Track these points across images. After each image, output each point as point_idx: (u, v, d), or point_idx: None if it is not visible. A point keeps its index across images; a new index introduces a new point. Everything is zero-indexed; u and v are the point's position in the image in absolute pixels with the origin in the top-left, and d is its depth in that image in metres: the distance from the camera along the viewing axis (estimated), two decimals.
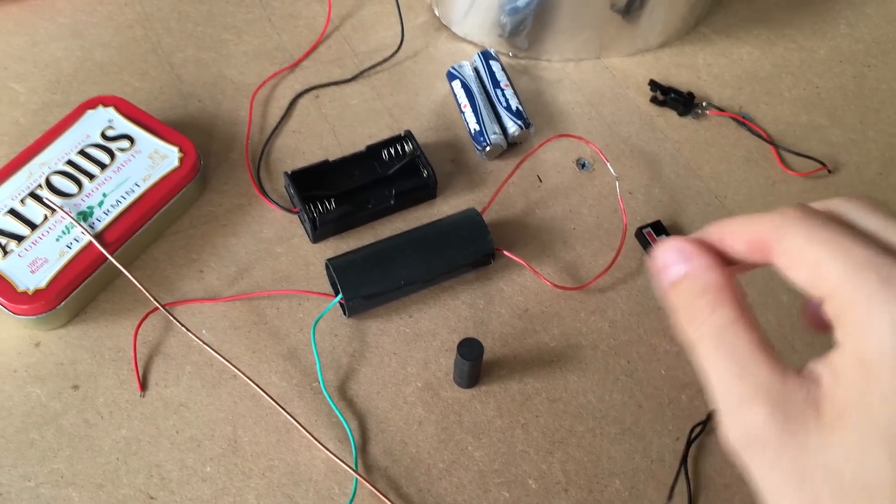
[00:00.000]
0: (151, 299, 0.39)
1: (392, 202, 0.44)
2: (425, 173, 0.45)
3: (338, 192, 0.43)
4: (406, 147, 0.45)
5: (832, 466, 0.23)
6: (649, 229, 0.44)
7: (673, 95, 0.50)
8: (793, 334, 0.42)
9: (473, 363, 0.37)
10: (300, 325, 0.41)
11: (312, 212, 0.42)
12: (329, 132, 0.48)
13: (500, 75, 0.49)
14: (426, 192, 0.45)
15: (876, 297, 0.23)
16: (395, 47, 0.52)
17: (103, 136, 0.43)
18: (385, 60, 0.51)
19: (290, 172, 0.43)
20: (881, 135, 0.50)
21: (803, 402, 0.24)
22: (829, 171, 0.48)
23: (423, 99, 0.50)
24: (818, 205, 0.27)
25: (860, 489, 0.23)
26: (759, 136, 0.50)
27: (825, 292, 0.25)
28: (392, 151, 0.45)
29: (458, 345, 0.37)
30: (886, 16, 0.57)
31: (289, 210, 0.44)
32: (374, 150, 0.45)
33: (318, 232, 0.43)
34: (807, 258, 0.25)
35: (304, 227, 0.44)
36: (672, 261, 0.28)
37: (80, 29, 0.51)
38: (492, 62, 0.50)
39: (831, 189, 0.48)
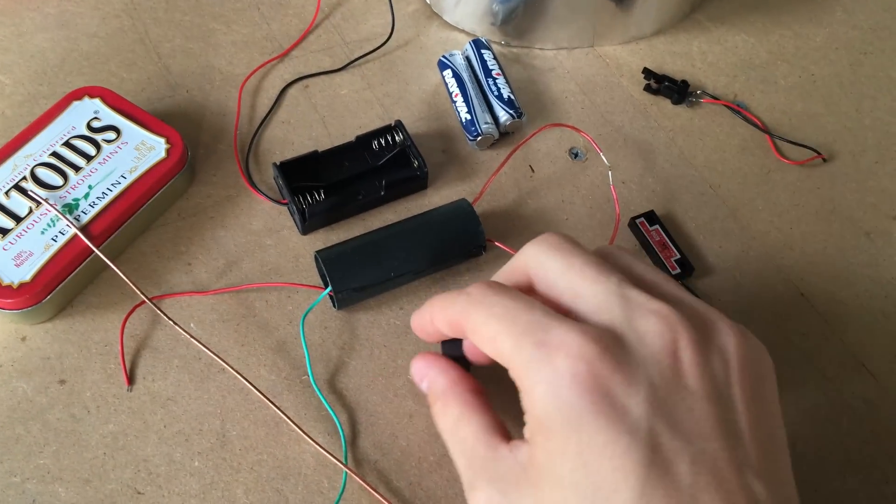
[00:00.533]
0: (138, 293, 0.39)
1: (382, 193, 0.43)
2: (416, 164, 0.44)
3: (327, 183, 0.43)
4: (396, 137, 0.45)
5: None
6: (642, 219, 0.44)
7: (667, 84, 0.50)
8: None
9: (457, 358, 0.36)
10: (289, 317, 0.40)
11: (302, 203, 0.42)
12: (319, 122, 0.47)
13: (491, 64, 0.48)
14: (417, 182, 0.44)
15: (532, 362, 0.25)
16: (386, 36, 0.51)
17: (89, 127, 0.42)
18: (376, 49, 0.50)
19: (278, 163, 0.43)
20: (877, 122, 0.50)
21: (513, 469, 0.26)
22: (825, 160, 0.48)
23: (414, 88, 0.49)
24: (508, 269, 0.31)
25: None
26: (754, 124, 0.49)
27: (505, 364, 0.27)
28: (382, 142, 0.45)
29: (442, 343, 0.36)
30: (883, 3, 0.56)
31: (278, 202, 0.44)
32: (363, 140, 0.45)
33: (308, 223, 0.42)
34: (486, 335, 0.27)
35: (294, 219, 0.43)
36: (418, 376, 0.32)
37: (66, 19, 0.50)
38: (483, 51, 0.49)
39: (827, 177, 0.47)
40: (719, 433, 0.24)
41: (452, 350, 0.36)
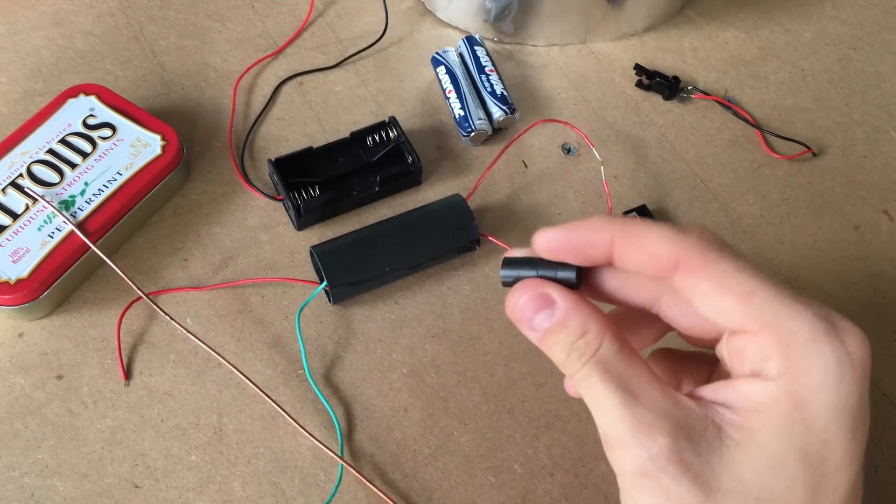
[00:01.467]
0: (135, 288, 0.39)
1: (377, 189, 0.44)
2: (410, 159, 0.45)
3: (322, 179, 0.43)
4: (390, 133, 0.45)
5: (741, 481, 0.24)
6: (634, 213, 0.44)
7: (658, 80, 0.50)
8: None
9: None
10: (285, 312, 0.40)
11: (297, 199, 0.42)
12: (313, 119, 0.48)
13: (484, 60, 0.49)
14: (411, 178, 0.45)
15: (816, 333, 0.24)
16: (380, 33, 0.51)
17: (85, 124, 0.43)
18: (369, 46, 0.51)
19: (273, 160, 0.43)
20: (867, 117, 0.50)
21: (702, 422, 0.24)
22: (815, 154, 0.48)
23: (408, 85, 0.50)
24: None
25: (768, 502, 0.23)
26: (745, 119, 0.49)
27: (752, 325, 0.24)
28: (376, 138, 0.45)
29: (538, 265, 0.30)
30: None
31: (273, 197, 0.44)
32: (358, 136, 0.45)
33: (303, 219, 0.43)
34: (736, 288, 0.25)
35: (289, 215, 0.43)
36: (533, 309, 0.27)
37: (61, 17, 0.51)
38: (476, 48, 0.49)
39: (817, 172, 0.48)
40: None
41: (565, 273, 0.28)
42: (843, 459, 0.24)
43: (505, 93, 0.47)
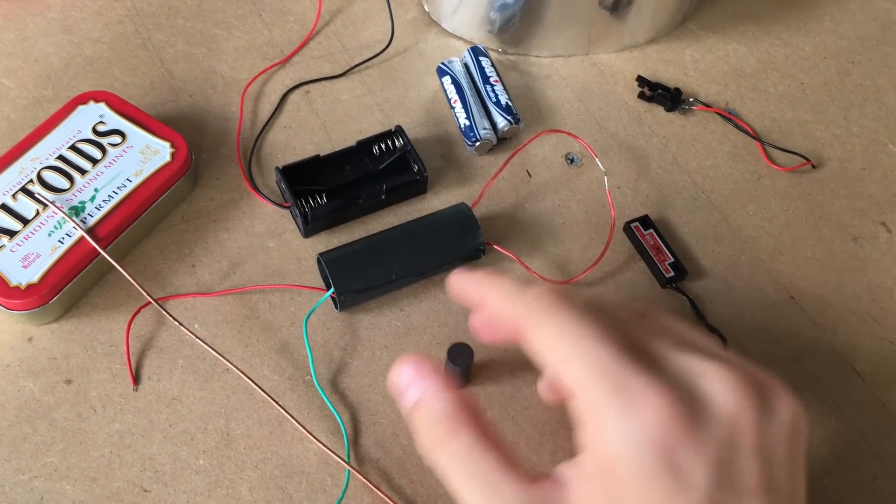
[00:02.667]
0: (144, 294, 0.39)
1: (383, 197, 0.44)
2: (416, 168, 0.45)
3: (329, 186, 0.44)
4: (396, 142, 0.46)
5: None
6: (637, 223, 0.45)
7: (660, 91, 0.51)
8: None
9: (464, 370, 0.38)
10: (292, 318, 0.41)
11: (304, 206, 0.43)
12: (320, 128, 0.48)
13: (489, 71, 0.49)
14: (417, 186, 0.45)
15: (611, 406, 0.25)
16: (386, 43, 0.52)
17: (94, 131, 0.43)
18: (375, 56, 0.51)
19: (281, 167, 0.44)
20: (865, 130, 0.51)
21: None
22: (814, 166, 0.49)
23: (413, 94, 0.50)
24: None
25: None
26: (745, 131, 0.50)
27: (569, 391, 0.26)
28: (382, 146, 0.46)
29: (448, 351, 0.37)
30: (870, 12, 0.58)
31: (280, 205, 0.44)
32: (364, 145, 0.46)
33: (310, 226, 0.43)
34: (555, 355, 0.26)
35: (296, 222, 0.44)
36: (407, 382, 0.28)
37: (70, 24, 0.51)
38: (481, 58, 0.50)
39: (816, 183, 0.48)
40: (764, 489, 0.25)
41: (461, 362, 0.35)
42: None
43: (510, 103, 0.48)
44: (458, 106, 0.48)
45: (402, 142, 0.46)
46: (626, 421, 0.24)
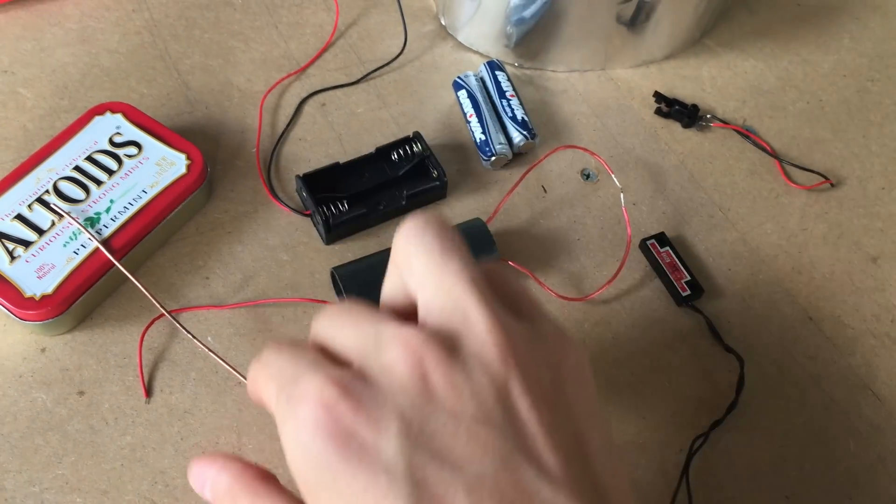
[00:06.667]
0: (157, 306, 0.39)
1: (404, 202, 0.44)
2: (435, 174, 0.45)
3: (349, 193, 0.44)
4: (415, 148, 0.46)
5: None
6: (653, 241, 0.44)
7: (677, 107, 0.50)
8: None
9: None
10: (305, 332, 0.41)
11: (326, 213, 0.43)
12: (335, 140, 0.48)
13: (505, 85, 0.49)
14: (437, 191, 0.45)
15: (281, 417, 0.24)
16: (399, 52, 0.52)
17: (111, 142, 0.43)
18: (388, 63, 0.51)
19: (302, 175, 0.44)
20: (884, 149, 0.51)
21: None
22: (832, 185, 0.49)
23: (429, 108, 0.50)
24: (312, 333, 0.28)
25: None
26: (763, 149, 0.50)
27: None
28: (401, 153, 0.46)
29: None
30: (890, 31, 0.57)
31: (301, 213, 0.44)
32: (383, 151, 0.46)
33: (332, 233, 0.43)
34: (265, 399, 0.26)
35: (318, 230, 0.44)
36: (199, 483, 0.28)
37: (87, 34, 0.51)
38: (498, 72, 0.50)
39: (834, 202, 0.48)
40: (496, 453, 0.22)
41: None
42: None
43: (526, 118, 0.48)
44: (474, 120, 0.48)
45: (420, 147, 0.46)
46: (292, 423, 0.23)
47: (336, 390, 0.23)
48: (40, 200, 0.41)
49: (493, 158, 0.47)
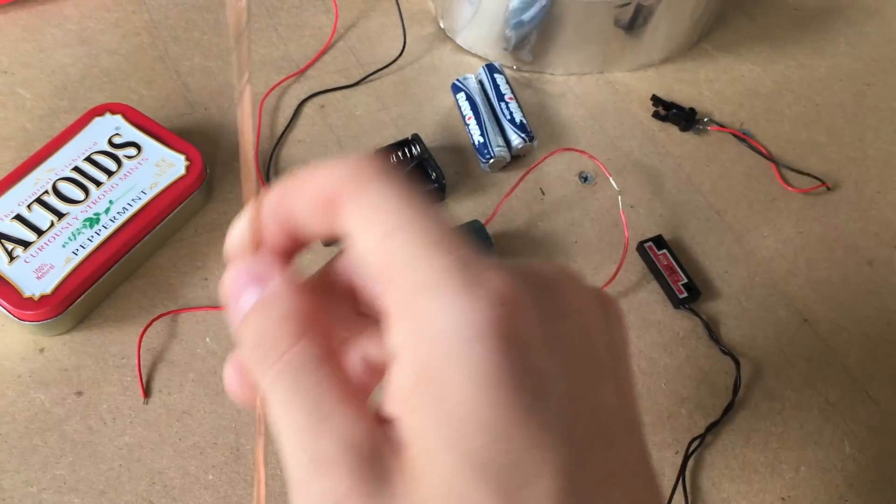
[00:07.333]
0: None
1: None
2: (434, 175, 0.45)
3: None
4: (413, 150, 0.46)
5: None
6: (651, 243, 0.45)
7: (675, 111, 0.51)
8: None
9: None
10: None
11: None
12: (334, 143, 0.48)
13: (504, 88, 0.49)
14: (436, 194, 0.45)
15: (446, 282, 0.17)
16: (398, 54, 0.52)
17: (110, 143, 0.43)
18: (387, 66, 0.51)
19: None
20: (880, 153, 0.51)
21: (387, 449, 0.18)
22: (829, 189, 0.49)
23: (428, 110, 0.50)
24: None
25: None
26: (760, 152, 0.50)
27: (382, 279, 0.18)
28: (400, 155, 0.46)
29: None
30: (886, 35, 0.58)
31: None
32: (382, 154, 0.46)
33: None
34: (378, 226, 0.19)
35: None
36: (242, 286, 0.20)
37: (87, 36, 0.51)
38: (497, 75, 0.50)
39: (830, 206, 0.48)
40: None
41: None
42: (523, 455, 0.17)
43: (524, 121, 0.48)
44: (473, 123, 0.48)
45: (419, 149, 0.46)
46: (467, 296, 0.17)
47: (530, 296, 0.18)
48: (40, 201, 0.41)
49: (492, 161, 0.47)
